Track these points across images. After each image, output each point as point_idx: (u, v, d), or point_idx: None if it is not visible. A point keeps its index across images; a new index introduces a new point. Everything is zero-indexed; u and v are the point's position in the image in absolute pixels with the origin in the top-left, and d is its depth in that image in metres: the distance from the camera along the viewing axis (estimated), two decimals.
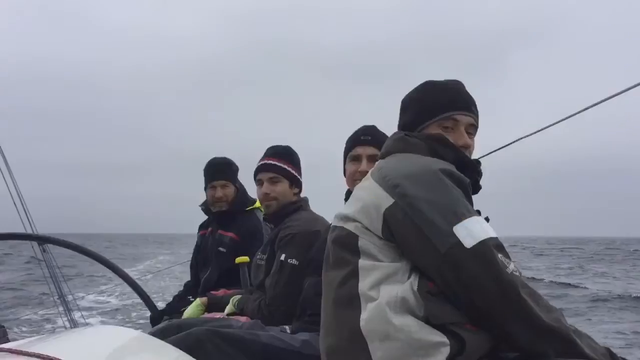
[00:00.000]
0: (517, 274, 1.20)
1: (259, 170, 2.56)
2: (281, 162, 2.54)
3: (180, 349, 1.53)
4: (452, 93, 1.53)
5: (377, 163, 1.52)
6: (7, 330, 2.93)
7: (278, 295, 2.25)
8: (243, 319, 2.28)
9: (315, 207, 2.64)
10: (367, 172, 2.08)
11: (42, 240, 4.19)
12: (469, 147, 1.51)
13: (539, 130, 2.39)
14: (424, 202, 1.24)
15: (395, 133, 1.57)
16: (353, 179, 2.12)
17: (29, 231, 5.00)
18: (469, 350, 1.16)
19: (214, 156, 3.38)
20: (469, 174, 1.39)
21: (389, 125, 1.68)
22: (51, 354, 1.00)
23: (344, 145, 2.23)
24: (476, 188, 1.46)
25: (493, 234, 1.22)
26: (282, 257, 2.30)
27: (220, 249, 3.19)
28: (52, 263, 4.86)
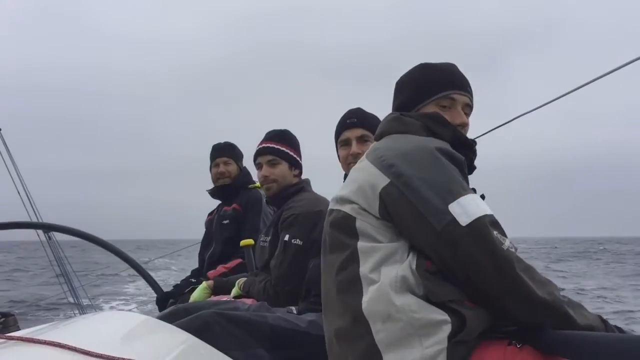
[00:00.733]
0: (513, 250, 1.20)
1: (258, 154, 2.58)
2: (279, 144, 2.55)
3: (188, 332, 1.55)
4: (448, 73, 1.54)
5: (372, 144, 1.51)
6: (18, 318, 2.97)
7: (283, 275, 2.27)
8: (249, 301, 2.29)
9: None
10: (358, 153, 2.12)
11: (47, 227, 4.22)
12: (466, 126, 1.52)
13: (522, 114, 2.41)
14: (419, 181, 1.24)
15: (390, 114, 1.56)
16: (346, 162, 2.20)
17: (35, 220, 5.03)
18: (470, 327, 1.16)
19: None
20: (464, 153, 1.39)
21: None
22: (61, 341, 1.01)
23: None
24: (471, 168, 1.47)
25: (488, 211, 1.22)
26: (286, 237, 2.31)
27: (224, 221, 3.27)
28: (59, 251, 4.90)
